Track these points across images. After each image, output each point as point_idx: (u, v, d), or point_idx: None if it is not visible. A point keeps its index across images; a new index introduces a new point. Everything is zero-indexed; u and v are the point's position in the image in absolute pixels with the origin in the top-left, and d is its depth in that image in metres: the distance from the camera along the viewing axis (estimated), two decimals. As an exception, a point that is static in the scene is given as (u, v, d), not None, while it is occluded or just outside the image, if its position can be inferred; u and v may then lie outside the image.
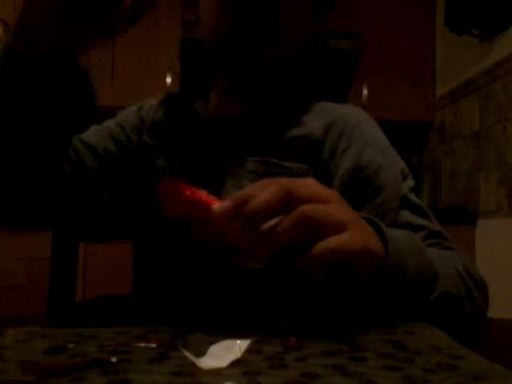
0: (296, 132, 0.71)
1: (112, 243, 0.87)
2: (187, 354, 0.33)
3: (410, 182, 0.73)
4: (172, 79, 2.56)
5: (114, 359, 0.33)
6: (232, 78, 0.75)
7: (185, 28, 2.49)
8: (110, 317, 0.50)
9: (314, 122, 0.73)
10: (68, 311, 0.75)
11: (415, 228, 0.67)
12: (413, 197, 0.71)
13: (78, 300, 0.86)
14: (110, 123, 0.78)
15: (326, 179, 0.68)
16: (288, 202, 0.41)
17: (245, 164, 0.66)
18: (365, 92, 2.55)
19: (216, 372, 0.31)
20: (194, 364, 0.32)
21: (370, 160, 0.70)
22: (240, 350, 0.34)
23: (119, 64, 2.57)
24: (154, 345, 0.37)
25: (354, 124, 0.73)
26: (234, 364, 0.33)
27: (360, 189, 0.68)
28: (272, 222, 0.41)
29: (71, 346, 0.37)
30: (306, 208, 0.41)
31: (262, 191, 0.41)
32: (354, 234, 0.42)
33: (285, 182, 0.42)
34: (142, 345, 0.37)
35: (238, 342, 0.35)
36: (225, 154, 0.68)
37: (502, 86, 2.14)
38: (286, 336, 0.38)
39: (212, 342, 0.35)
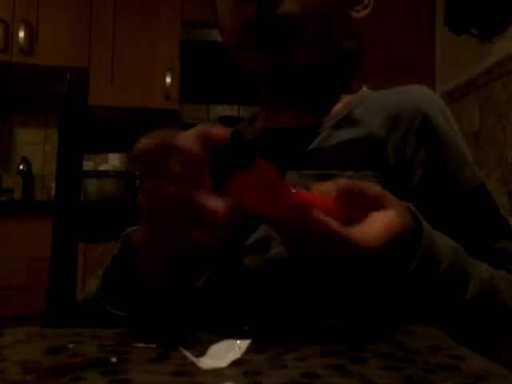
0: (351, 134, 0.62)
1: (112, 243, 0.87)
2: (187, 354, 0.33)
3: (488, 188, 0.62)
4: (172, 79, 2.56)
5: (114, 359, 0.33)
6: (268, 84, 0.69)
7: (185, 28, 2.50)
8: (110, 317, 0.50)
9: (372, 118, 0.63)
10: (68, 311, 0.74)
11: (491, 253, 0.58)
12: (496, 211, 0.61)
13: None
14: None
15: (396, 186, 0.57)
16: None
17: (297, 182, 0.58)
18: (365, 92, 2.55)
19: (216, 372, 0.31)
20: (194, 364, 0.32)
21: (441, 165, 0.60)
22: (240, 349, 0.34)
23: (119, 64, 2.57)
24: (153, 345, 0.37)
25: (421, 115, 0.62)
26: (234, 364, 0.32)
27: (427, 199, 0.60)
28: None
29: (71, 345, 0.37)
30: None
31: None
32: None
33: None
34: (142, 345, 0.37)
35: (238, 342, 0.35)
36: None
37: (501, 86, 2.14)
38: (286, 336, 0.38)
39: (212, 342, 0.35)
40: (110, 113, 2.56)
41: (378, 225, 0.41)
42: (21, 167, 2.73)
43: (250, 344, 0.35)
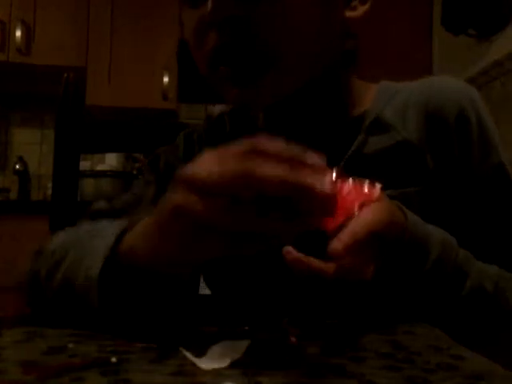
0: (386, 141, 0.56)
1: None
2: (187, 354, 0.33)
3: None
4: (169, 79, 2.56)
5: (114, 359, 0.33)
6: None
7: (183, 27, 2.49)
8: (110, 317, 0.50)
9: (405, 121, 0.58)
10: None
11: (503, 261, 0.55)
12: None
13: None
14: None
15: (439, 193, 0.56)
16: None
17: None
18: (362, 92, 2.56)
19: (216, 372, 0.31)
20: (194, 364, 0.32)
21: (467, 165, 0.57)
22: (240, 349, 0.34)
23: (117, 64, 2.56)
24: (154, 345, 0.37)
25: (457, 111, 0.57)
26: (234, 364, 0.32)
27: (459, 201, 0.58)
28: None
29: (71, 346, 0.37)
30: None
31: None
32: None
33: None
34: (142, 345, 0.37)
35: (238, 342, 0.35)
36: None
37: (500, 86, 2.14)
38: (286, 336, 0.38)
39: (212, 342, 0.35)
40: (108, 113, 2.55)
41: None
42: (17, 167, 2.72)
43: (250, 344, 0.35)
